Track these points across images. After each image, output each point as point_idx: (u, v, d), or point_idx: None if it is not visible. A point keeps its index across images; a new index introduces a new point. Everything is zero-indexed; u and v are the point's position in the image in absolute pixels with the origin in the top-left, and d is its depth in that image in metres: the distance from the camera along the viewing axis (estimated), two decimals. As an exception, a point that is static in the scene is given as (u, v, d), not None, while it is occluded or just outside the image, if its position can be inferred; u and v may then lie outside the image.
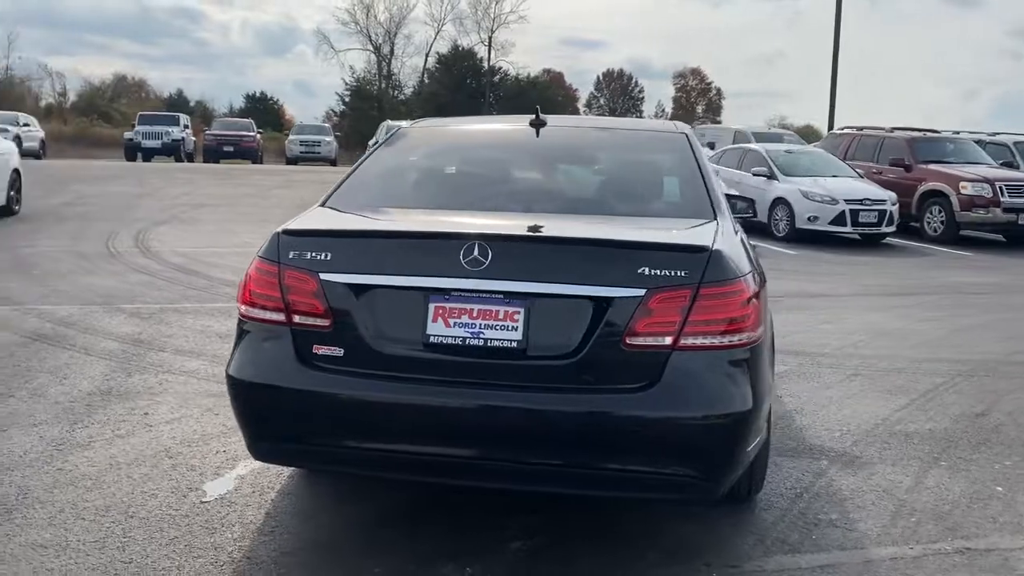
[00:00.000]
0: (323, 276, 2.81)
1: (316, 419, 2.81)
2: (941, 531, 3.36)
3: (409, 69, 56.33)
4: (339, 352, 2.80)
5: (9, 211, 11.93)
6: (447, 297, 2.74)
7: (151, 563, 2.87)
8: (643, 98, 64.57)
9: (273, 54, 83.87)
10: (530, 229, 2.94)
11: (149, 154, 28.93)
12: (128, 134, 30.19)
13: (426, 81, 53.59)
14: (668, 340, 2.66)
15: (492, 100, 52.21)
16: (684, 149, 3.62)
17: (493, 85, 52.77)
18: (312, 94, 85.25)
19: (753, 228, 14.17)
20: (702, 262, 2.72)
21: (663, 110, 65.21)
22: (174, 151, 29.18)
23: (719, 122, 47.17)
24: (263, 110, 54.53)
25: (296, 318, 2.84)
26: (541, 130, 3.80)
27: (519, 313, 2.71)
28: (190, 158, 30.75)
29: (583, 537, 3.19)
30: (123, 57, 78.33)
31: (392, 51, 52.05)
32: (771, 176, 14.11)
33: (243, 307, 2.94)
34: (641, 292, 2.67)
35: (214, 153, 29.30)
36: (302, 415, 2.81)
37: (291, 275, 2.85)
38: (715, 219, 3.17)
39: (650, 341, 2.66)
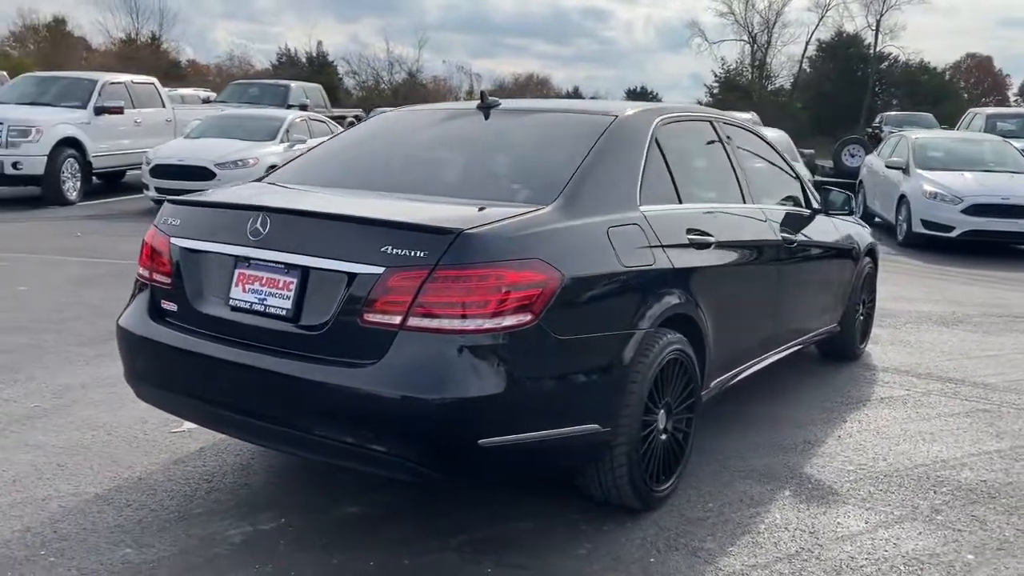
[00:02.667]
0: (172, 240, 3.20)
1: (157, 366, 3.21)
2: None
3: (783, 58, 54.07)
4: (175, 308, 3.17)
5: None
6: (248, 265, 2.98)
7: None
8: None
9: (670, 49, 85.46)
10: (311, 205, 3.06)
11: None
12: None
13: (807, 70, 51.12)
14: (398, 319, 2.65)
15: (877, 89, 48.34)
16: (591, 136, 3.40)
17: (879, 72, 48.79)
18: (685, 87, 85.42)
19: (889, 230, 12.35)
20: (443, 244, 2.65)
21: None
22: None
23: None
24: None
25: (155, 276, 3.26)
26: (490, 113, 3.82)
27: (293, 283, 2.86)
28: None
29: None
30: (536, 57, 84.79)
31: (769, 40, 50.37)
32: (905, 169, 11.82)
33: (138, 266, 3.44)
34: (380, 270, 2.68)
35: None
36: (149, 361, 3.23)
37: (158, 239, 3.27)
38: (548, 205, 2.99)
39: (382, 319, 2.67)
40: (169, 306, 3.18)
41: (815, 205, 4.98)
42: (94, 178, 13.54)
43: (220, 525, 3.12)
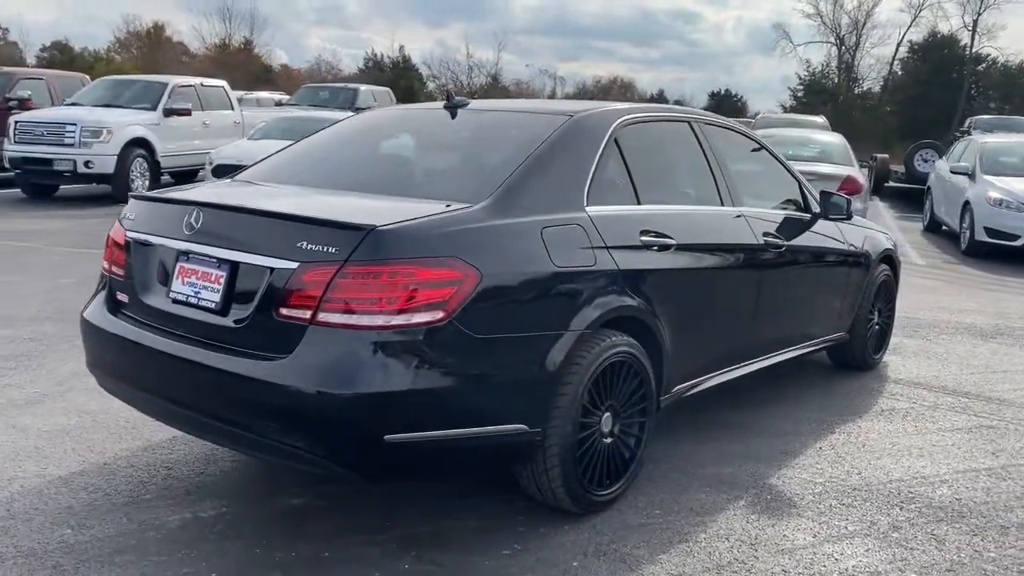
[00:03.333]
0: (128, 234, 3.32)
1: (111, 357, 3.33)
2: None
3: (872, 60, 52.38)
4: (127, 300, 3.29)
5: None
6: (188, 259, 3.07)
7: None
8: None
9: (760, 51, 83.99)
10: (239, 200, 3.12)
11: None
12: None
13: (898, 72, 49.46)
14: (308, 314, 2.69)
15: (972, 92, 46.41)
16: (541, 136, 3.37)
17: (976, 75, 46.83)
18: (775, 90, 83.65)
19: (955, 239, 11.90)
20: (355, 240, 2.67)
21: None
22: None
23: None
24: (726, 107, 55.07)
25: (112, 268, 3.38)
26: (456, 113, 3.84)
27: (222, 277, 2.93)
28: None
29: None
30: (623, 60, 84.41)
31: (858, 42, 48.87)
32: (971, 174, 11.20)
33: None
34: (295, 265, 2.73)
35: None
36: (105, 352, 3.35)
37: (118, 232, 3.40)
38: (478, 204, 2.99)
39: (295, 313, 2.71)
40: (122, 298, 3.30)
41: (816, 210, 4.83)
42: (163, 177, 14.07)
43: (163, 511, 3.22)
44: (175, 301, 3.07)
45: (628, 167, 3.60)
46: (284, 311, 2.74)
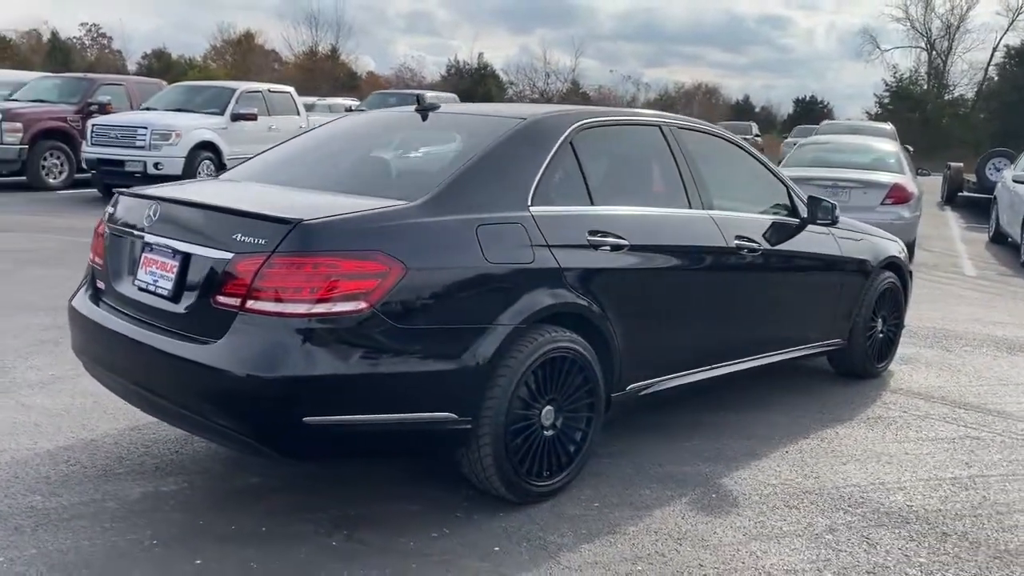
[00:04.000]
0: (107, 226, 3.59)
1: (90, 342, 3.59)
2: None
3: (964, 65, 50.48)
4: (103, 287, 3.55)
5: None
6: (151, 249, 3.30)
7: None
8: None
9: (852, 56, 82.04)
10: (196, 196, 3.33)
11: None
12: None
13: (994, 78, 47.61)
14: (238, 301, 2.89)
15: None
16: (491, 138, 3.50)
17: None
18: (867, 96, 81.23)
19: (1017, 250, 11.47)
20: (282, 232, 2.86)
21: None
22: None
23: None
24: (812, 114, 53.94)
25: (95, 259, 3.66)
26: (427, 116, 4.00)
27: (175, 266, 3.15)
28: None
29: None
30: (710, 66, 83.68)
31: (950, 47, 47.25)
32: None
33: (92, 252, 3.85)
34: (230, 256, 2.93)
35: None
36: (85, 337, 3.61)
37: (101, 225, 3.67)
38: (413, 202, 3.14)
39: (228, 300, 2.91)
40: (101, 286, 3.57)
41: (804, 215, 4.82)
42: (230, 179, 14.65)
43: (129, 484, 3.46)
44: (139, 289, 3.31)
45: (583, 169, 3.70)
46: (220, 298, 2.94)
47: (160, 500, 3.35)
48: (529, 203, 3.42)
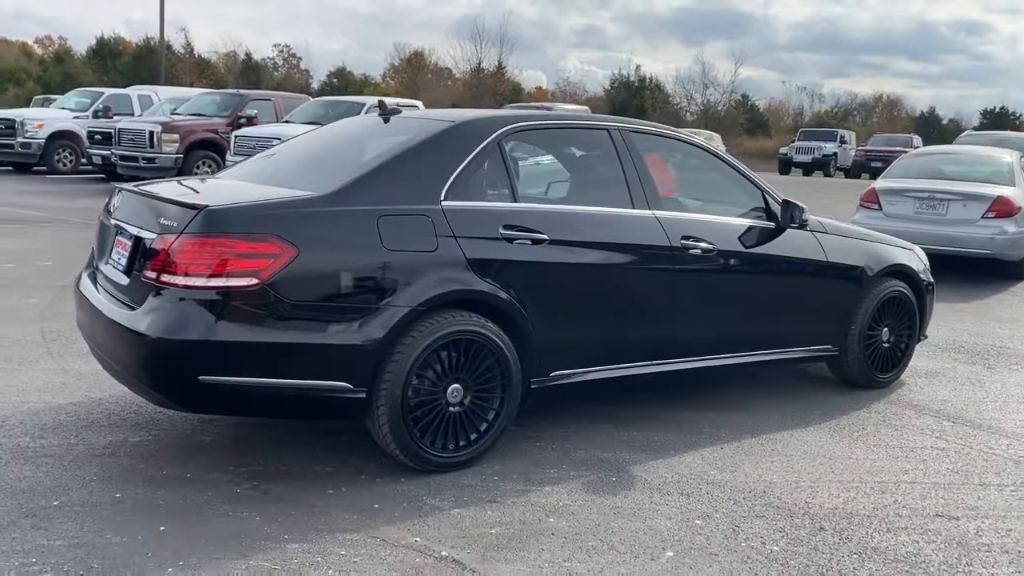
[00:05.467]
0: (102, 214, 4.21)
1: (81, 314, 4.19)
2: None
3: None
4: (96, 266, 4.16)
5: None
6: (120, 232, 3.88)
7: (59, 387, 4.68)
8: None
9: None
10: (151, 189, 3.85)
11: (801, 168, 30.23)
12: (784, 149, 32.00)
13: None
14: (155, 275, 3.38)
15: None
16: (417, 138, 3.86)
17: None
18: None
19: None
20: (190, 216, 3.33)
21: None
22: (824, 166, 29.94)
23: None
24: (1001, 125, 50.48)
25: (95, 243, 4.28)
26: (389, 119, 4.39)
27: (129, 246, 3.70)
28: (846, 173, 31.17)
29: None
30: (896, 76, 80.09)
31: None
32: None
33: (98, 236, 4.48)
34: (155, 236, 3.43)
35: (860, 168, 29.08)
36: (79, 311, 4.22)
37: (100, 215, 4.30)
38: (320, 194, 3.55)
39: (149, 274, 3.41)
40: (95, 265, 4.19)
41: (802, 219, 4.84)
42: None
43: (104, 435, 4.04)
44: (112, 267, 3.89)
45: (508, 169, 3.98)
46: (146, 272, 3.45)
47: (121, 448, 3.90)
48: (442, 198, 3.74)
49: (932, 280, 5.71)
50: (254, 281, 3.30)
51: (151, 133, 15.60)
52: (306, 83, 64.10)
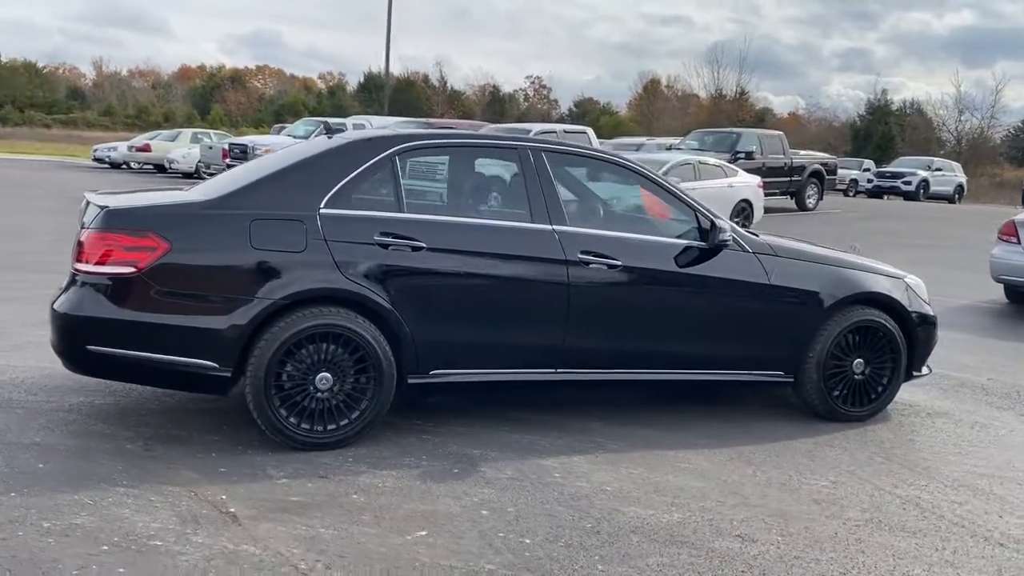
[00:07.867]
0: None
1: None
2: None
3: None
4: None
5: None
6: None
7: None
8: None
9: None
10: (103, 193, 4.61)
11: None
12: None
13: None
14: (72, 263, 4.13)
15: None
16: (313, 152, 4.36)
17: None
18: None
19: None
20: (96, 215, 4.06)
21: None
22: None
23: None
24: None
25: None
26: (332, 136, 4.91)
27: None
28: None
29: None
30: None
31: None
32: None
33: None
34: (80, 231, 4.20)
35: None
36: None
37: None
38: (204, 198, 4.18)
39: (72, 262, 4.17)
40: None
41: (719, 239, 4.79)
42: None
43: (80, 397, 4.84)
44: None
45: (397, 182, 4.38)
46: (74, 262, 4.23)
47: (82, 407, 4.70)
48: (322, 206, 4.22)
49: (928, 312, 5.32)
50: (133, 269, 3.97)
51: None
52: (549, 112, 66.39)
